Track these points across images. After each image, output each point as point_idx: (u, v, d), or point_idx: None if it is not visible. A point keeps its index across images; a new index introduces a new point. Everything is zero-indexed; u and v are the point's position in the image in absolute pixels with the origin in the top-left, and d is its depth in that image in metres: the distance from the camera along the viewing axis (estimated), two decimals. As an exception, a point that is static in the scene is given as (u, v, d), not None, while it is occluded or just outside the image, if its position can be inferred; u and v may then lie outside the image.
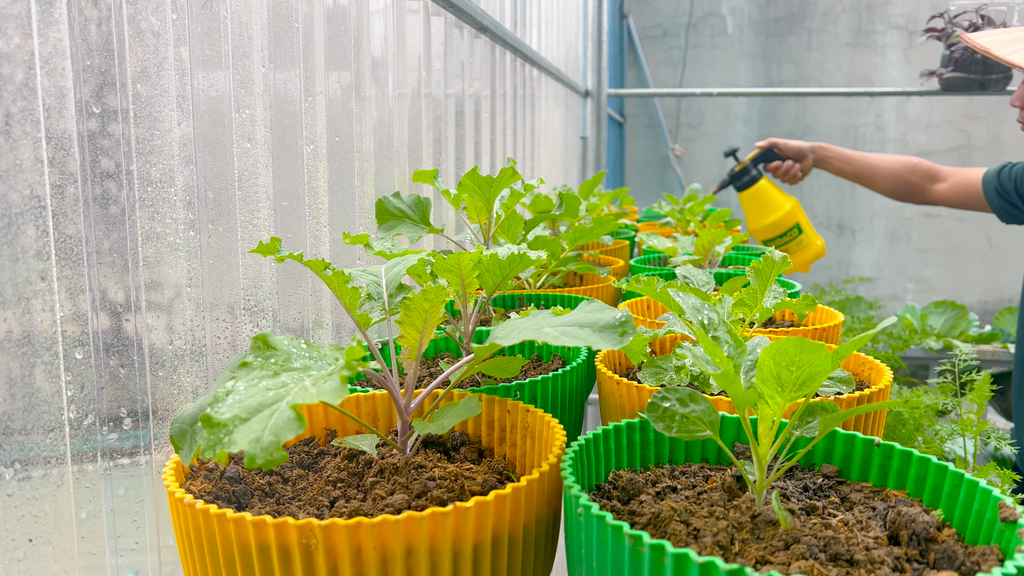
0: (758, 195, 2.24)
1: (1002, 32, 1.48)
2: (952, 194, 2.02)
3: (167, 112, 0.67)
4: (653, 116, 4.51)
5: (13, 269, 0.54)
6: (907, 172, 2.10)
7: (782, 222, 2.22)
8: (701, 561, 0.38)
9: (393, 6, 1.14)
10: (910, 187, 2.09)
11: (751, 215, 2.27)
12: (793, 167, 2.25)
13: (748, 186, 2.25)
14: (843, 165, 2.22)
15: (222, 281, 0.75)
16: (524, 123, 2.05)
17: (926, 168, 2.09)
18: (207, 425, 0.39)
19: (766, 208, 2.23)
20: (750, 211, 2.27)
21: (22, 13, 0.54)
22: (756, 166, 2.27)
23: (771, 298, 0.85)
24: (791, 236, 2.23)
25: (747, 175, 2.25)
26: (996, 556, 0.43)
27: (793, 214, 2.22)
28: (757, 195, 2.24)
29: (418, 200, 0.90)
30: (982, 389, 1.29)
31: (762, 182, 2.25)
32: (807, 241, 2.25)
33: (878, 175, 2.14)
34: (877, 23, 4.12)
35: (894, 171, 2.12)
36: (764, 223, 2.23)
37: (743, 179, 2.26)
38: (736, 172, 2.28)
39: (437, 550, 0.44)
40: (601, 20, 2.95)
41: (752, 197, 2.25)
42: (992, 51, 1.35)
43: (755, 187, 2.24)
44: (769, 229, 2.23)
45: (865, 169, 2.17)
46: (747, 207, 2.28)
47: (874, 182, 2.16)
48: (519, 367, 0.62)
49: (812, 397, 0.50)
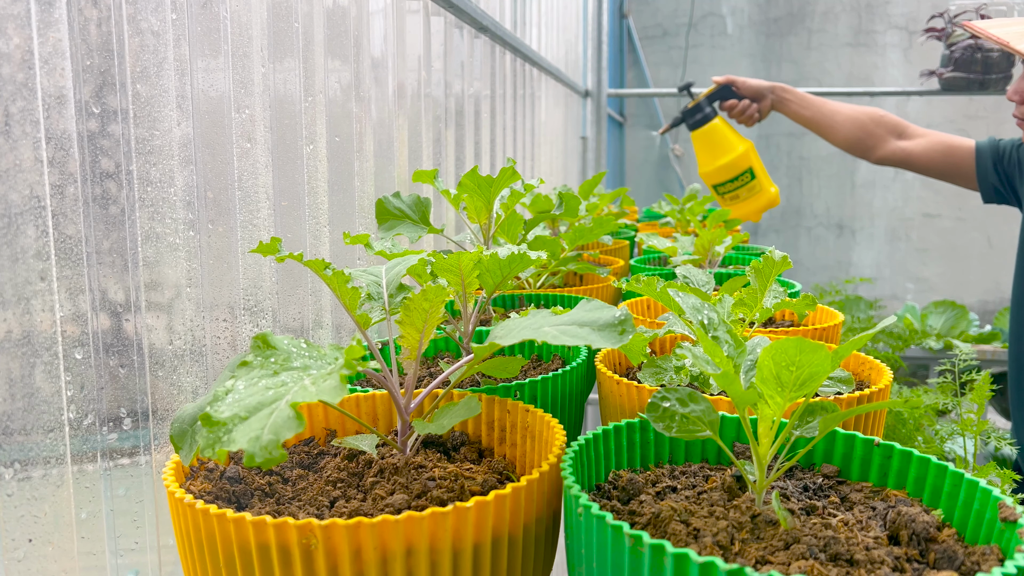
0: (711, 134, 2.12)
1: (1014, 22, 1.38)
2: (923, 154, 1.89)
3: (167, 112, 0.67)
4: (653, 116, 4.51)
5: (13, 269, 0.54)
6: (871, 122, 1.97)
7: (734, 164, 2.11)
8: (701, 561, 0.38)
9: (393, 6, 1.14)
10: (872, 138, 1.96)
11: (702, 156, 2.16)
12: (750, 107, 2.13)
13: (701, 124, 2.13)
14: (801, 109, 2.09)
15: (222, 281, 0.75)
16: (524, 123, 2.05)
17: (893, 121, 1.97)
18: (206, 424, 0.39)
19: (718, 149, 2.12)
20: (702, 152, 2.16)
21: (22, 13, 0.54)
22: (711, 104, 2.14)
23: (771, 298, 0.85)
24: (743, 181, 2.12)
25: (700, 112, 2.13)
26: (996, 556, 0.43)
27: (747, 157, 2.11)
28: (710, 134, 2.12)
29: (418, 200, 0.90)
30: (982, 389, 1.29)
31: (716, 121, 2.13)
32: (759, 187, 2.13)
33: (838, 123, 2.01)
34: (877, 23, 4.12)
35: (857, 120, 1.99)
36: (716, 165, 2.12)
37: (696, 116, 2.14)
38: (689, 109, 2.15)
39: (437, 550, 0.44)
40: (601, 20, 2.95)
41: (704, 136, 2.13)
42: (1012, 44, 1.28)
43: (708, 126, 2.12)
44: (721, 172, 2.12)
45: (825, 115, 2.04)
46: (699, 147, 2.16)
47: (832, 130, 2.03)
48: (519, 367, 0.62)
49: (812, 397, 0.50)
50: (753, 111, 2.12)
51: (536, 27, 2.19)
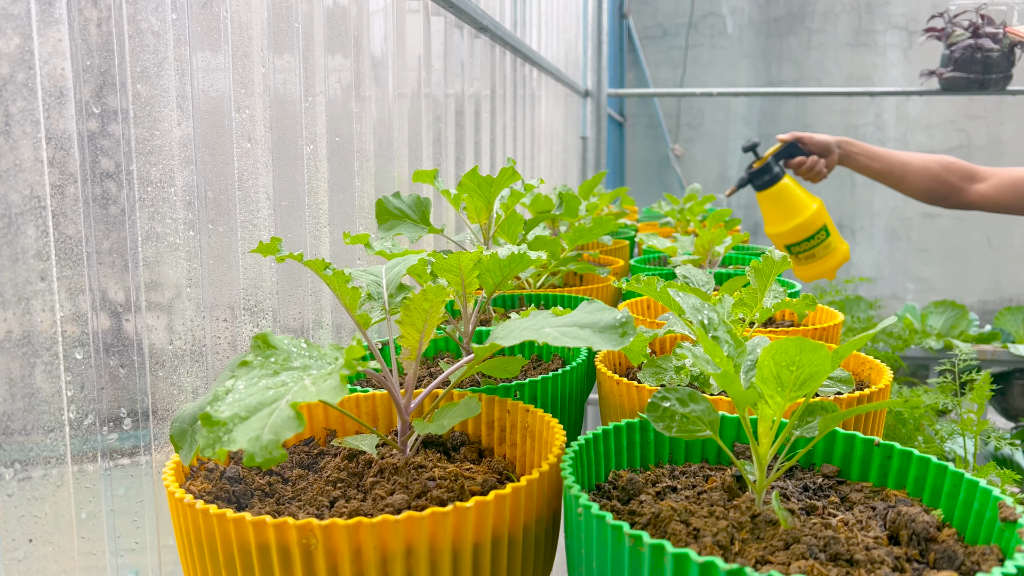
0: (781, 195, 2.02)
1: None
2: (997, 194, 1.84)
3: (167, 112, 0.67)
4: (653, 116, 4.51)
5: (13, 269, 0.54)
6: (943, 171, 1.91)
7: (809, 224, 2.01)
8: (701, 561, 0.38)
9: (393, 6, 1.14)
10: (946, 187, 1.91)
11: (773, 217, 2.05)
12: (818, 163, 2.04)
13: (770, 185, 2.03)
14: (871, 162, 2.02)
15: (222, 281, 0.75)
16: (524, 123, 2.05)
17: (963, 167, 1.91)
18: (206, 423, 0.39)
19: (791, 209, 2.01)
20: (772, 213, 2.05)
21: (22, 13, 0.54)
22: (778, 162, 2.05)
23: (771, 298, 0.85)
24: (819, 239, 2.01)
25: (768, 173, 2.03)
26: (996, 556, 0.43)
27: (820, 215, 2.01)
28: (780, 195, 2.02)
29: (418, 200, 0.90)
30: (982, 389, 1.29)
31: (785, 180, 2.03)
32: (834, 245, 2.04)
33: (910, 174, 1.95)
34: (877, 23, 4.12)
35: (929, 170, 1.93)
36: (789, 226, 2.01)
37: (764, 177, 2.03)
38: (756, 170, 2.04)
39: (437, 550, 0.44)
40: (601, 20, 2.95)
41: (774, 197, 2.03)
42: None
43: (778, 186, 2.02)
44: (794, 232, 2.02)
45: (896, 167, 1.98)
46: (768, 208, 2.06)
47: (905, 182, 1.97)
48: (519, 367, 0.62)
49: (812, 397, 0.50)
50: (821, 167, 2.05)
51: (536, 27, 2.19)
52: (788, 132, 2.09)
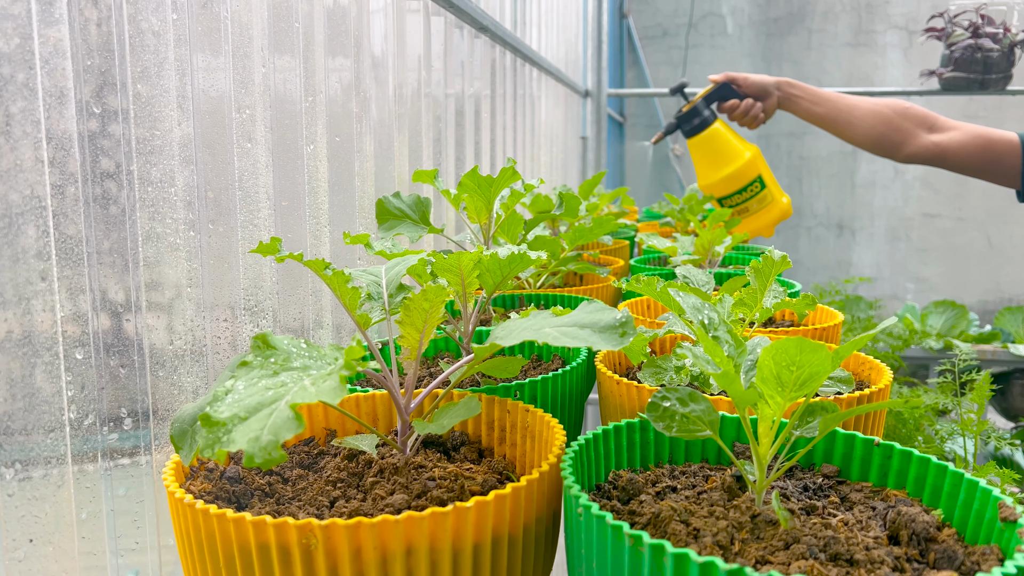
0: (711, 141, 1.86)
1: None
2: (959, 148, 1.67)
3: (167, 112, 0.67)
4: (653, 116, 4.51)
5: (13, 269, 0.54)
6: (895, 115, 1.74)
7: (741, 174, 1.84)
8: (701, 561, 0.38)
9: (393, 6, 1.14)
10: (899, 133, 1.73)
11: (703, 166, 1.89)
12: (754, 107, 1.87)
13: (699, 130, 1.86)
14: (813, 106, 1.83)
15: (222, 281, 0.75)
16: (524, 123, 2.05)
17: (920, 113, 1.74)
18: (206, 424, 0.39)
19: (721, 157, 1.85)
20: (701, 161, 1.89)
21: (22, 13, 0.54)
22: (709, 106, 1.88)
23: (771, 298, 0.85)
24: (752, 192, 1.86)
25: (698, 117, 1.86)
26: (996, 556, 0.43)
27: (754, 164, 1.85)
28: (710, 141, 1.86)
29: (418, 200, 0.90)
30: (982, 389, 1.29)
31: (716, 125, 1.87)
32: (771, 198, 1.87)
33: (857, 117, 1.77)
34: (877, 23, 4.12)
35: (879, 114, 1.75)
36: (719, 175, 1.85)
37: (692, 122, 1.87)
38: (685, 113, 1.88)
39: (437, 550, 0.44)
40: (601, 20, 2.95)
41: (704, 144, 1.87)
42: None
43: (708, 131, 1.86)
44: (725, 183, 1.85)
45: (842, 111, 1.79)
46: (698, 156, 1.90)
47: (851, 127, 1.78)
48: (519, 367, 0.62)
49: (812, 397, 0.50)
50: (757, 111, 1.88)
51: (536, 27, 2.19)
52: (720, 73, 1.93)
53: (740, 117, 1.89)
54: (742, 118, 1.89)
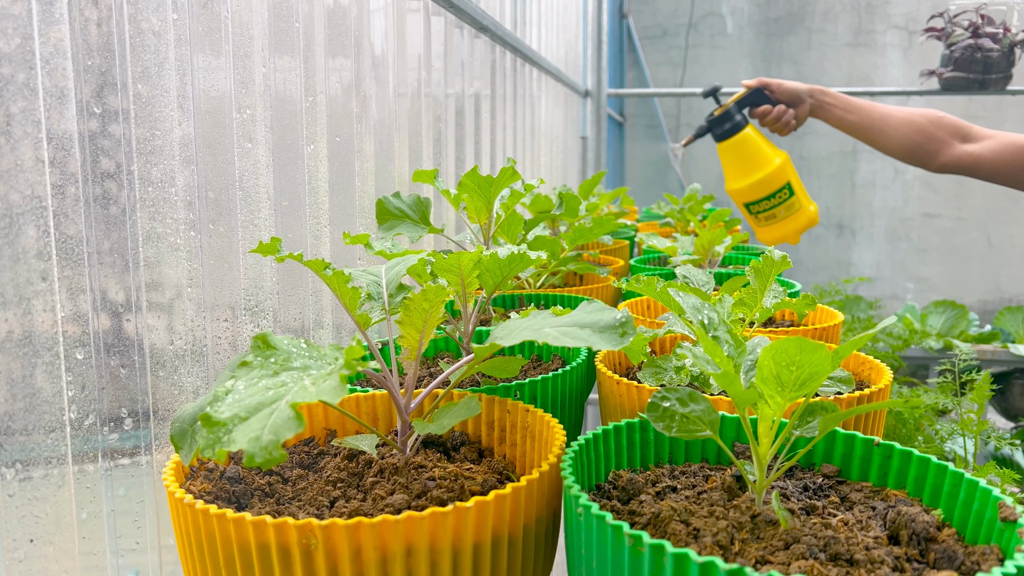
0: (742, 146, 1.83)
1: None
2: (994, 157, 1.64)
3: (167, 112, 0.67)
4: (653, 116, 4.51)
5: (14, 269, 0.54)
6: (930, 125, 1.73)
7: (771, 180, 1.82)
8: (701, 561, 0.38)
9: (393, 5, 1.14)
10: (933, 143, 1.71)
11: (732, 170, 1.87)
12: (786, 113, 1.84)
13: (730, 134, 1.84)
14: (846, 115, 1.81)
15: (223, 281, 0.75)
16: (524, 123, 2.05)
17: (954, 123, 1.73)
18: (206, 424, 0.39)
19: (751, 162, 1.83)
20: (731, 165, 1.87)
21: (22, 13, 0.54)
22: (741, 110, 1.86)
23: (771, 298, 0.85)
24: (780, 198, 1.84)
25: (729, 121, 1.84)
26: (996, 556, 0.43)
27: (784, 171, 1.83)
28: (741, 146, 1.83)
29: (418, 200, 0.90)
30: (982, 389, 1.29)
31: (748, 130, 1.85)
32: (799, 205, 1.86)
33: (891, 127, 1.75)
34: (877, 23, 4.12)
35: (914, 123, 1.74)
36: (748, 181, 1.83)
37: (724, 126, 1.84)
38: (716, 117, 1.86)
39: (437, 550, 0.44)
40: (601, 20, 2.95)
41: (734, 148, 1.84)
42: None
43: (739, 136, 1.83)
44: (754, 188, 1.84)
45: (875, 120, 1.77)
46: (727, 160, 1.87)
47: (885, 136, 1.76)
48: (519, 367, 0.62)
49: (812, 397, 0.50)
50: (789, 118, 1.85)
51: (536, 27, 2.19)
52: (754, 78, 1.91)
53: (772, 123, 1.87)
54: (774, 124, 1.87)
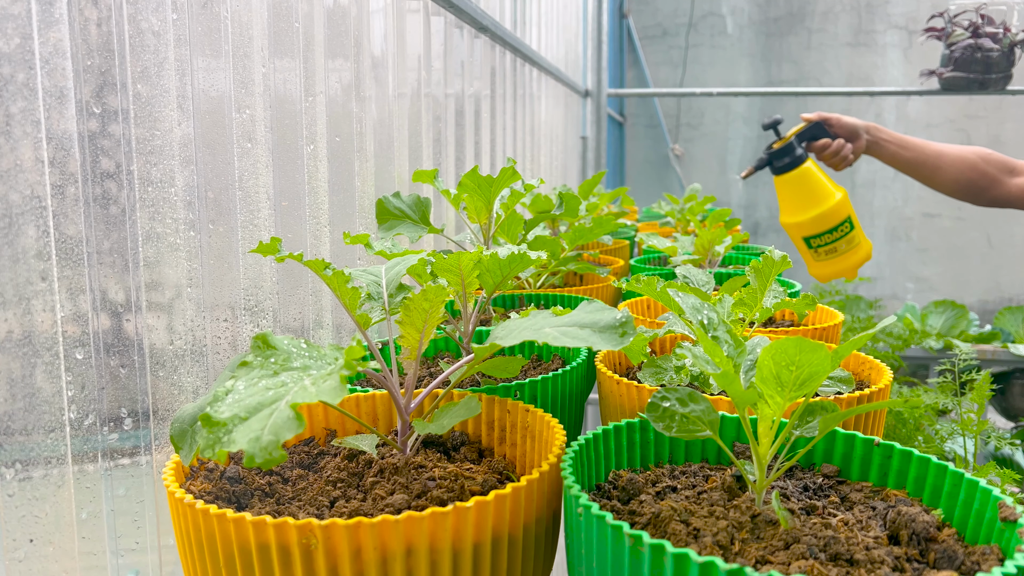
0: (803, 180, 1.80)
1: None
2: None
3: (167, 112, 0.67)
4: (653, 116, 4.51)
5: (14, 269, 0.54)
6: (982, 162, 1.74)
7: (834, 213, 1.78)
8: (701, 561, 0.38)
9: (393, 6, 1.14)
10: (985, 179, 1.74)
11: (792, 204, 1.83)
12: (844, 147, 1.83)
13: (791, 168, 1.81)
14: (901, 151, 1.82)
15: (222, 281, 0.75)
16: (524, 123, 2.05)
17: (1001, 159, 1.75)
18: (206, 424, 0.39)
19: (813, 196, 1.79)
20: (791, 199, 1.83)
21: (22, 13, 0.54)
22: (800, 144, 1.83)
23: (771, 298, 0.85)
24: (842, 231, 1.80)
25: (790, 155, 1.80)
26: (996, 556, 0.43)
27: (845, 205, 1.80)
28: (802, 180, 1.80)
29: (418, 200, 0.90)
30: (982, 389, 1.29)
31: (808, 164, 1.82)
32: (859, 239, 1.83)
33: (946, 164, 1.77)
34: (877, 23, 4.12)
35: (967, 160, 1.75)
36: (810, 215, 1.79)
37: (784, 159, 1.81)
38: (777, 150, 1.82)
39: (437, 550, 0.44)
40: (601, 20, 2.95)
41: (796, 182, 1.80)
42: None
43: (799, 169, 1.80)
44: (816, 223, 1.80)
45: (929, 157, 1.79)
46: (786, 194, 1.84)
47: (939, 172, 1.78)
48: (519, 367, 0.62)
49: (812, 397, 0.50)
50: (847, 152, 1.84)
51: (536, 27, 2.19)
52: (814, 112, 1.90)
53: (830, 157, 1.86)
54: (831, 158, 1.86)
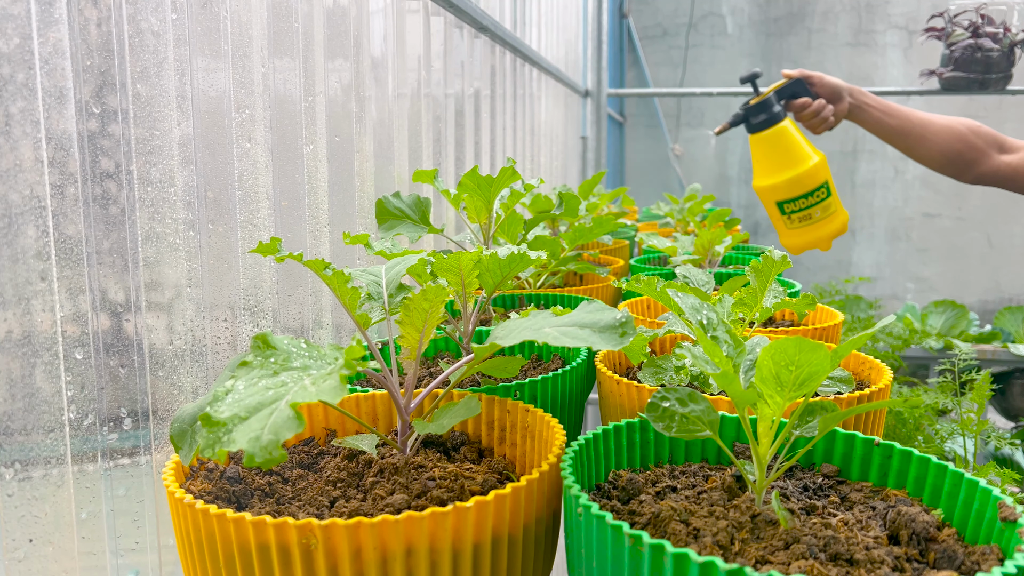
0: (780, 138, 1.67)
1: None
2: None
3: (167, 112, 0.67)
4: (653, 116, 4.51)
5: (13, 269, 0.54)
6: (971, 133, 1.65)
7: (810, 177, 1.65)
8: (701, 561, 0.38)
9: (393, 6, 1.14)
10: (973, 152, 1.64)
11: (766, 165, 1.70)
12: (825, 108, 1.71)
13: (767, 126, 1.68)
14: (885, 117, 1.70)
15: (222, 281, 0.75)
16: (524, 123, 2.05)
17: (991, 133, 1.66)
18: (206, 424, 0.39)
19: (789, 157, 1.66)
20: (765, 159, 1.70)
21: (22, 13, 0.54)
22: (780, 101, 1.71)
23: (771, 297, 0.85)
24: (818, 197, 1.67)
25: (767, 111, 1.68)
26: (996, 556, 0.43)
27: (823, 168, 1.67)
28: (778, 138, 1.67)
29: (418, 200, 0.90)
30: (982, 388, 1.29)
31: (786, 122, 1.68)
32: (835, 207, 1.70)
33: (932, 133, 1.66)
34: (877, 23, 4.12)
35: (955, 130, 1.65)
36: (784, 176, 1.66)
37: (761, 116, 1.68)
38: (754, 106, 1.69)
39: (437, 550, 0.44)
40: (601, 20, 2.95)
41: (771, 141, 1.67)
42: None
43: (776, 128, 1.67)
44: (791, 185, 1.67)
45: (915, 125, 1.68)
46: (761, 154, 1.70)
47: (925, 142, 1.67)
48: (519, 367, 0.62)
49: (812, 396, 0.50)
50: (828, 113, 1.71)
51: (536, 27, 2.19)
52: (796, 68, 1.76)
53: (809, 118, 1.74)
54: (811, 119, 1.74)
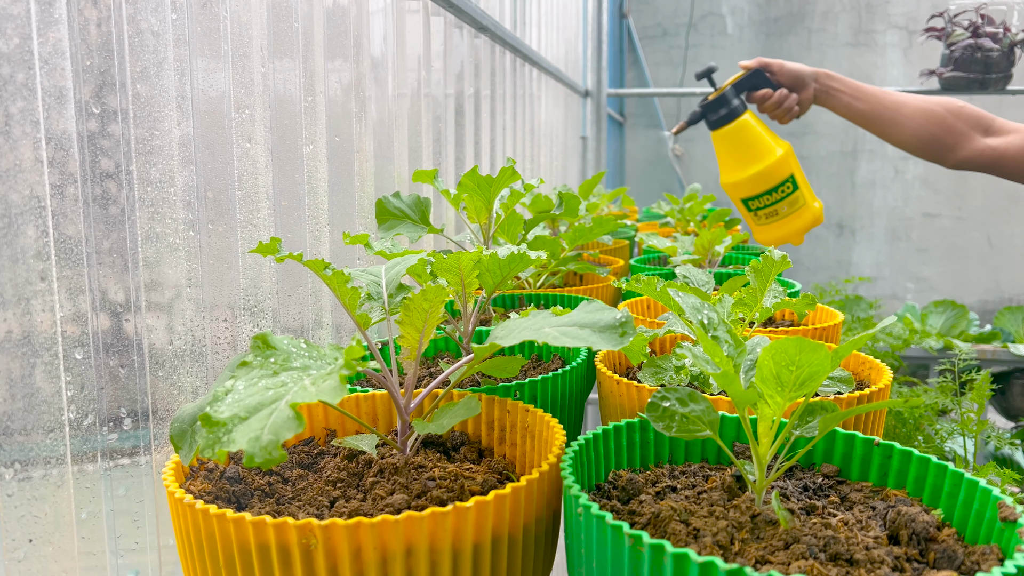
0: (740, 134, 1.62)
1: None
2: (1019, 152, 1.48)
3: (167, 112, 0.67)
4: (653, 116, 4.51)
5: (13, 269, 0.54)
6: (948, 114, 1.54)
7: (773, 172, 1.61)
8: (701, 561, 0.38)
9: (393, 6, 1.14)
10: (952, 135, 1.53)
11: (729, 161, 1.65)
12: (788, 98, 1.64)
13: (727, 121, 1.63)
14: (855, 102, 1.61)
15: (222, 281, 0.75)
16: (524, 123, 2.05)
17: (976, 114, 1.54)
18: (206, 424, 0.39)
19: (750, 152, 1.62)
20: (728, 156, 1.65)
21: (22, 13, 0.54)
22: (738, 95, 1.66)
23: (771, 297, 0.85)
24: (783, 192, 1.62)
25: (726, 106, 1.63)
26: (996, 556, 0.43)
27: (787, 162, 1.62)
28: (739, 134, 1.63)
29: (418, 200, 0.90)
30: (982, 388, 1.29)
31: (746, 116, 1.64)
32: (803, 201, 1.66)
33: (905, 116, 1.56)
34: (877, 23, 4.12)
35: (931, 112, 1.55)
36: (747, 173, 1.62)
37: (720, 111, 1.63)
38: (711, 102, 1.65)
39: (437, 550, 0.44)
40: (601, 20, 2.95)
41: (731, 136, 1.63)
42: None
43: (736, 123, 1.63)
44: (754, 181, 1.62)
45: (887, 108, 1.58)
46: (724, 150, 1.66)
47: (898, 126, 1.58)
48: (519, 367, 0.62)
49: (812, 397, 0.50)
50: (792, 103, 1.64)
51: (536, 27, 2.19)
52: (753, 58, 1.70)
53: (772, 109, 1.67)
54: (774, 110, 1.67)
